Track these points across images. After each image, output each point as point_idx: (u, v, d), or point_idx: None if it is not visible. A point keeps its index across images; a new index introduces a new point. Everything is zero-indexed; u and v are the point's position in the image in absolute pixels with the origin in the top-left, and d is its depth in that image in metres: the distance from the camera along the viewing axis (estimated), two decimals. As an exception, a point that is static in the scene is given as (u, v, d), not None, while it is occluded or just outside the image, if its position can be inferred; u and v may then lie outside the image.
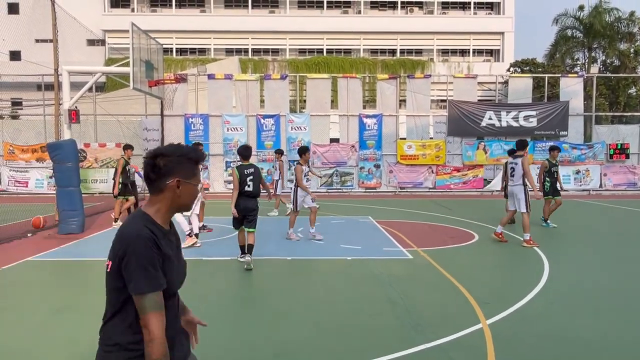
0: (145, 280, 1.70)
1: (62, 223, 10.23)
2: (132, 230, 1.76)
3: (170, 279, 1.80)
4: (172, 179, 1.84)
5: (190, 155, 1.89)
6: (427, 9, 39.90)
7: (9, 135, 20.05)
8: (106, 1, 38.38)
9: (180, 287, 1.95)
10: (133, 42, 11.36)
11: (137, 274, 1.70)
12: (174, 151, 1.86)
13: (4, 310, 5.36)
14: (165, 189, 1.85)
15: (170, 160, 1.84)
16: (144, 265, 1.70)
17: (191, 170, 1.89)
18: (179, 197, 1.87)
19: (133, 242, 1.72)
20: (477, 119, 20.02)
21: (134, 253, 1.71)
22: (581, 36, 29.96)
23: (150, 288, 1.70)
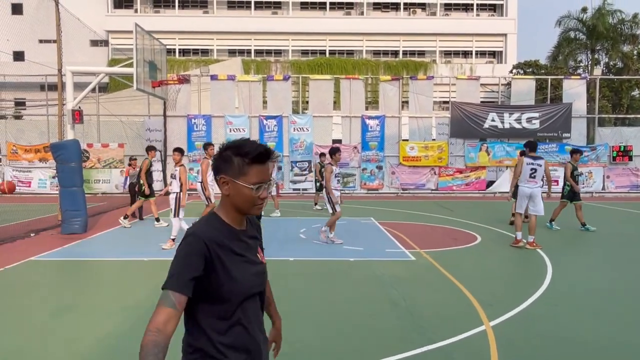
0: (172, 277, 1.62)
1: (65, 223, 10.24)
2: (194, 228, 1.69)
3: (237, 277, 1.69)
4: (220, 175, 1.73)
5: (241, 152, 1.70)
6: (429, 11, 39.88)
7: (12, 135, 20.12)
8: (109, 2, 38.47)
9: (257, 290, 1.80)
10: (137, 43, 11.38)
11: (171, 268, 1.64)
12: (227, 146, 1.74)
13: (7, 309, 5.37)
14: (220, 186, 1.75)
15: (220, 155, 1.73)
16: (179, 264, 1.63)
17: (240, 169, 1.70)
18: (231, 197, 1.73)
19: (184, 239, 1.67)
20: (480, 121, 20.00)
21: (182, 248, 1.66)
22: (584, 38, 29.92)
23: (171, 286, 1.61)
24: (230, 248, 1.70)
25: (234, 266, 1.69)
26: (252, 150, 1.69)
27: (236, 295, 1.70)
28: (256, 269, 1.81)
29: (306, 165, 19.67)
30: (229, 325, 1.70)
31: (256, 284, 1.79)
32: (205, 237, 1.65)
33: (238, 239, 1.75)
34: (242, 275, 1.71)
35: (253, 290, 1.77)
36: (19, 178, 19.57)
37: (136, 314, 5.15)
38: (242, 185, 1.69)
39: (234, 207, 1.75)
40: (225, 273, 1.66)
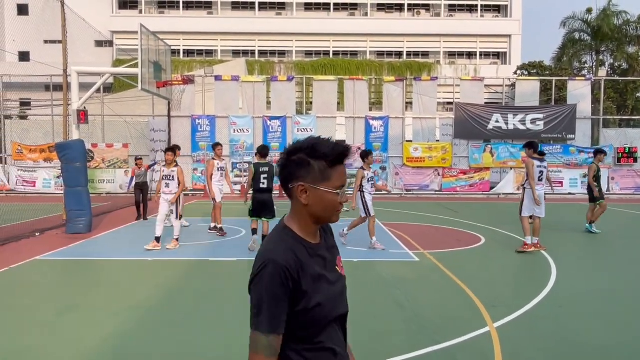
0: (265, 318, 1.43)
1: (70, 223, 10.29)
2: (268, 252, 1.48)
3: (321, 302, 1.50)
4: (295, 182, 1.51)
5: (317, 155, 1.50)
6: (434, 11, 39.85)
7: (18, 135, 20.23)
8: (114, 3, 38.65)
9: (342, 311, 1.62)
10: (141, 44, 11.43)
11: (257, 306, 1.45)
12: (299, 148, 1.52)
13: (12, 308, 5.40)
14: (293, 194, 1.53)
15: (294, 159, 1.51)
16: (266, 300, 1.43)
17: (319, 173, 1.50)
18: (310, 206, 1.52)
19: (264, 269, 1.45)
20: (484, 122, 19.96)
21: (263, 281, 1.44)
22: (589, 39, 29.80)
23: (266, 328, 1.43)
24: (311, 270, 1.50)
25: (317, 291, 1.50)
26: (330, 150, 1.51)
27: (321, 321, 1.52)
28: (339, 288, 1.61)
29: (310, 166, 19.67)
30: (315, 350, 1.52)
31: (341, 305, 1.62)
32: (287, 263, 1.45)
33: (316, 255, 1.55)
34: (327, 299, 1.52)
35: (338, 312, 1.59)
36: (23, 178, 19.66)
37: (140, 314, 5.17)
38: (325, 192, 1.50)
39: (313, 218, 1.54)
40: (308, 300, 1.47)
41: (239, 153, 18.97)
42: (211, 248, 8.78)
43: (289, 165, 1.52)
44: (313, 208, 1.52)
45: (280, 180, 1.56)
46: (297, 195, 1.52)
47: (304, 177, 1.50)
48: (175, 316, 5.12)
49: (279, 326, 1.44)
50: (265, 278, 1.44)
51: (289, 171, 1.52)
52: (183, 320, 4.97)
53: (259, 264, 1.47)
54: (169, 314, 5.21)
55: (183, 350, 4.22)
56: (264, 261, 1.46)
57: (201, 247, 8.93)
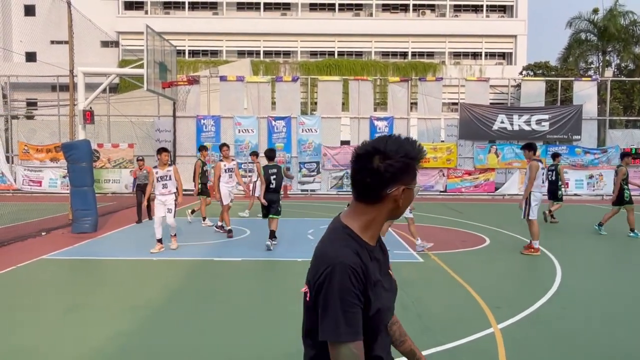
0: (344, 325, 1.34)
1: (76, 222, 10.36)
2: (334, 254, 1.39)
3: (380, 308, 1.45)
4: (396, 186, 1.44)
5: (414, 155, 1.47)
6: (439, 12, 39.78)
7: (24, 135, 20.36)
8: (120, 3, 38.83)
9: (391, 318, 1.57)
10: (147, 44, 11.48)
11: (333, 314, 1.34)
12: (396, 150, 1.44)
13: (18, 307, 5.44)
14: (386, 198, 1.45)
15: (395, 162, 1.43)
16: (341, 306, 1.34)
17: (415, 172, 1.49)
18: (400, 207, 1.48)
19: (333, 272, 1.36)
20: (489, 123, 19.91)
21: (335, 286, 1.35)
22: (595, 39, 29.65)
23: (348, 336, 1.34)
24: (373, 275, 1.44)
25: (377, 297, 1.44)
26: (419, 151, 1.49)
27: (377, 328, 1.48)
28: (392, 293, 1.56)
29: (314, 166, 19.69)
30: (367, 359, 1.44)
31: (392, 311, 1.57)
32: (355, 265, 1.38)
33: (374, 258, 1.49)
34: (384, 305, 1.47)
35: (390, 319, 1.55)
36: (30, 177, 19.80)
37: (145, 313, 5.20)
38: (412, 190, 1.49)
39: (389, 217, 1.51)
40: (370, 307, 1.41)
41: (244, 153, 19.00)
42: (216, 248, 8.81)
43: (389, 169, 1.43)
44: (402, 209, 1.50)
45: (369, 186, 1.44)
46: (393, 198, 1.45)
47: (405, 179, 1.46)
48: (180, 315, 5.14)
49: (359, 331, 1.36)
50: (336, 282, 1.35)
51: (389, 176, 1.43)
52: (188, 320, 4.99)
53: (323, 267, 1.38)
54: (174, 313, 5.23)
55: (188, 349, 4.25)
56: (330, 264, 1.37)
57: (206, 246, 8.96)
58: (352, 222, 1.48)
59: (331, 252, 1.41)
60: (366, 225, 1.48)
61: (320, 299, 1.37)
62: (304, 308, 1.49)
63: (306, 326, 1.49)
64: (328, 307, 1.35)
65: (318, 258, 1.43)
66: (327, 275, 1.36)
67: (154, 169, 8.50)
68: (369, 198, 1.46)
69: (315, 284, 1.39)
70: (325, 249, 1.43)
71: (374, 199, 1.46)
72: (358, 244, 1.44)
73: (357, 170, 1.46)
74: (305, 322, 1.50)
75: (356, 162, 1.47)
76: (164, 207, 8.35)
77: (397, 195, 1.45)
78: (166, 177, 8.41)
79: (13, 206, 14.46)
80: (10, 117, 20.56)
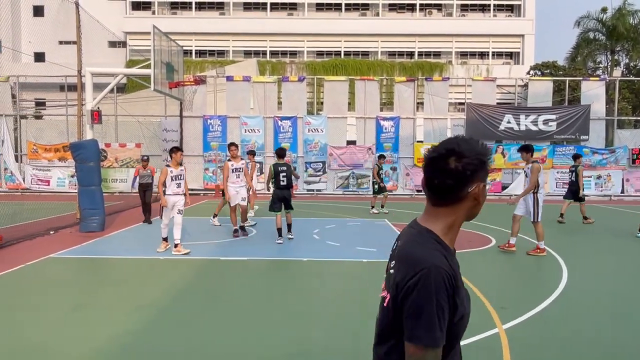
0: (431, 331, 1.31)
1: (83, 221, 10.44)
2: (427, 256, 1.37)
3: (464, 315, 1.42)
4: (476, 183, 1.44)
5: (485, 152, 1.47)
6: (445, 11, 39.64)
7: (33, 134, 20.54)
8: (127, 4, 39.03)
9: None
10: (154, 44, 11.54)
11: (428, 318, 1.31)
12: (470, 149, 1.45)
13: (27, 305, 5.51)
14: (466, 198, 1.45)
15: (472, 160, 1.43)
16: (434, 310, 1.31)
17: (488, 170, 1.50)
18: (480, 204, 1.48)
19: (428, 275, 1.33)
20: (496, 123, 19.83)
21: (430, 289, 1.32)
22: (604, 39, 29.43)
23: (433, 342, 1.32)
24: (458, 279, 1.42)
25: (462, 301, 1.41)
26: (485, 148, 1.49)
27: (458, 335, 1.44)
28: (469, 300, 1.52)
29: (320, 166, 19.71)
30: None
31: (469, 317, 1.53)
32: (447, 268, 1.37)
33: (455, 262, 1.46)
34: (467, 312, 1.45)
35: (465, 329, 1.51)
36: (38, 176, 19.97)
37: (151, 312, 5.24)
38: (486, 186, 1.49)
39: (468, 217, 1.50)
40: (455, 311, 1.39)
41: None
42: (222, 247, 8.85)
43: (468, 168, 1.43)
44: (480, 207, 1.50)
45: (450, 187, 1.44)
46: (473, 196, 1.46)
47: (482, 176, 1.46)
48: (186, 314, 5.18)
49: (441, 338, 1.33)
50: (430, 285, 1.32)
51: (469, 174, 1.43)
52: (193, 318, 5.03)
53: (415, 270, 1.35)
54: (179, 311, 5.27)
55: (193, 348, 4.28)
56: (424, 267, 1.34)
57: (212, 246, 9.00)
58: (433, 226, 1.46)
59: (422, 255, 1.38)
60: (448, 229, 1.47)
61: (411, 303, 1.34)
62: (381, 313, 1.46)
63: (384, 331, 1.45)
64: (422, 311, 1.32)
65: (407, 261, 1.40)
66: (421, 278, 1.33)
67: (168, 167, 8.35)
68: (449, 200, 1.46)
69: (405, 287, 1.35)
70: (415, 252, 1.41)
71: (453, 200, 1.46)
72: (443, 248, 1.43)
73: (435, 174, 1.45)
74: (382, 328, 1.46)
75: (431, 166, 1.47)
76: (176, 207, 8.27)
77: (477, 193, 1.45)
78: (180, 176, 8.37)
79: (22, 205, 14.61)
80: (19, 117, 20.75)
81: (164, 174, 8.29)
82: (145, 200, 11.89)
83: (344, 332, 4.65)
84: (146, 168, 12.04)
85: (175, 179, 8.31)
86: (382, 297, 1.48)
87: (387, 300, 1.43)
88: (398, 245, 1.52)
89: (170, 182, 8.26)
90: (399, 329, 1.39)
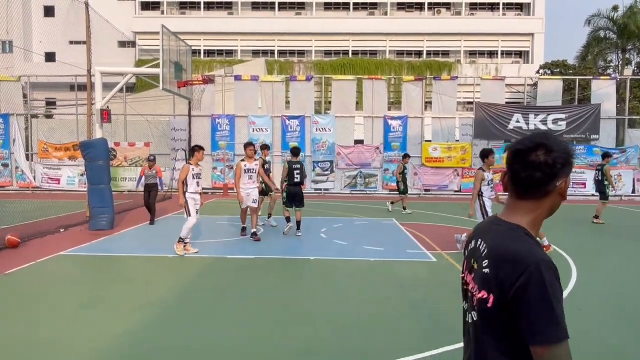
0: (559, 323, 1.29)
1: (93, 219, 10.53)
2: (531, 252, 1.35)
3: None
4: (563, 179, 1.44)
5: (570, 148, 1.49)
6: (454, 10, 39.45)
7: (44, 134, 20.75)
8: (137, 4, 39.29)
9: None
10: (163, 44, 11.61)
11: (553, 313, 1.28)
12: (558, 143, 1.45)
13: (37, 301, 5.57)
14: (552, 192, 1.44)
15: (561, 154, 1.43)
16: (559, 303, 1.29)
17: (572, 167, 1.49)
18: (564, 199, 1.48)
19: (539, 270, 1.31)
20: (505, 122, 19.71)
21: (547, 284, 1.29)
22: (615, 37, 29.10)
23: (565, 334, 1.29)
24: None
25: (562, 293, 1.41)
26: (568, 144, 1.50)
27: None
28: None
29: (328, 165, 19.71)
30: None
31: None
32: (549, 259, 1.36)
33: None
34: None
35: None
36: (49, 175, 20.17)
37: (159, 308, 5.28)
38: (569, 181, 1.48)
39: (551, 212, 1.49)
40: None
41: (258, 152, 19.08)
42: (229, 246, 8.89)
43: (558, 161, 1.43)
44: (561, 202, 1.49)
45: (538, 181, 1.43)
46: (559, 191, 1.45)
47: (569, 171, 1.47)
48: (194, 312, 5.21)
49: (566, 329, 1.32)
50: (544, 280, 1.30)
51: (559, 168, 1.43)
52: (201, 316, 5.06)
53: (524, 266, 1.32)
54: (187, 309, 5.31)
55: (200, 345, 4.31)
56: (533, 263, 1.32)
57: (220, 244, 9.05)
58: (521, 221, 1.45)
59: (526, 251, 1.36)
60: (533, 224, 1.46)
61: (527, 301, 1.30)
62: (482, 316, 1.42)
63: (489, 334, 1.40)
64: (544, 307, 1.28)
65: (510, 259, 1.36)
66: (533, 274, 1.30)
67: (190, 165, 8.19)
68: (536, 194, 1.45)
69: (516, 285, 1.31)
70: (517, 249, 1.37)
71: (540, 195, 1.45)
72: (536, 243, 1.41)
73: (523, 167, 1.44)
74: (485, 331, 1.42)
75: (519, 159, 1.46)
76: (196, 206, 8.22)
77: (563, 188, 1.45)
78: (200, 175, 8.34)
79: (32, 203, 14.77)
80: (30, 117, 20.98)
81: (186, 172, 8.12)
82: (150, 200, 11.57)
83: (352, 331, 4.65)
84: (152, 168, 11.69)
85: (196, 177, 8.22)
86: (479, 299, 1.42)
87: (492, 300, 1.37)
88: (488, 245, 1.47)
89: (192, 181, 8.14)
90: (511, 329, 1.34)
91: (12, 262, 7.34)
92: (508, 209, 1.51)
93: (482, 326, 1.44)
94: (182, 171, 8.23)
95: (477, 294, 1.43)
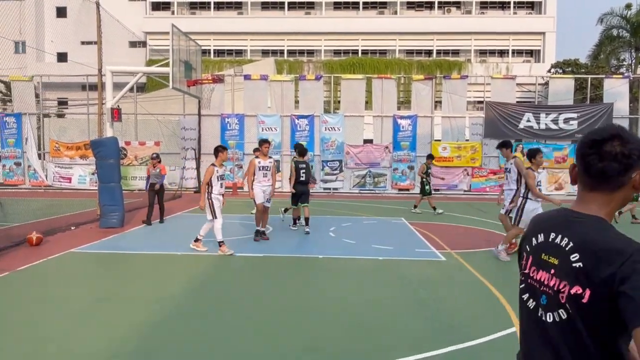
0: None
1: (103, 217, 10.63)
2: (624, 241, 1.35)
3: None
4: (637, 171, 1.42)
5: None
6: (464, 9, 39.22)
7: (55, 133, 20.99)
8: (148, 4, 39.55)
9: None
10: (173, 44, 11.68)
11: None
12: (633, 136, 1.45)
13: (48, 298, 5.63)
14: (627, 184, 1.43)
15: (637, 146, 1.42)
16: None
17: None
18: (635, 192, 1.47)
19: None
20: (515, 121, 19.55)
21: None
22: (628, 36, 28.74)
23: None
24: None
25: None
26: None
27: None
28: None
29: (337, 164, 19.70)
30: None
31: None
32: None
33: None
34: None
35: None
36: (60, 174, 20.40)
37: (169, 305, 5.31)
38: None
39: (623, 203, 1.49)
40: None
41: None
42: (238, 244, 8.91)
43: (634, 152, 1.41)
44: (633, 194, 1.47)
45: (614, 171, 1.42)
46: (633, 183, 1.43)
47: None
48: (203, 309, 5.24)
49: None
50: None
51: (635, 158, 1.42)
52: (210, 314, 5.08)
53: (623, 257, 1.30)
54: (196, 307, 5.33)
55: (209, 342, 4.32)
56: (630, 251, 1.31)
57: (229, 242, 9.06)
58: (599, 213, 1.45)
59: (619, 241, 1.35)
60: (608, 215, 1.45)
61: (633, 287, 1.26)
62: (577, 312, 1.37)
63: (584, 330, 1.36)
64: None
65: (604, 251, 1.35)
66: (635, 263, 1.28)
67: (214, 167, 8.06)
68: (610, 185, 1.44)
69: (619, 277, 1.29)
70: (610, 240, 1.36)
71: (614, 186, 1.44)
72: None
73: (598, 156, 1.43)
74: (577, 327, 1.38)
75: (594, 149, 1.44)
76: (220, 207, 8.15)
77: (637, 180, 1.42)
78: (224, 176, 8.30)
79: (44, 202, 14.94)
80: (42, 116, 21.22)
81: (210, 174, 7.97)
82: (159, 201, 11.31)
83: (359, 329, 4.64)
84: (155, 167, 11.26)
85: (220, 178, 8.15)
86: (572, 295, 1.37)
87: (588, 295, 1.34)
88: (574, 238, 1.44)
89: (217, 182, 8.03)
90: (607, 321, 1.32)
91: (24, 259, 7.43)
92: (581, 201, 1.50)
93: (572, 323, 1.39)
94: (206, 173, 8.09)
95: (566, 290, 1.39)
